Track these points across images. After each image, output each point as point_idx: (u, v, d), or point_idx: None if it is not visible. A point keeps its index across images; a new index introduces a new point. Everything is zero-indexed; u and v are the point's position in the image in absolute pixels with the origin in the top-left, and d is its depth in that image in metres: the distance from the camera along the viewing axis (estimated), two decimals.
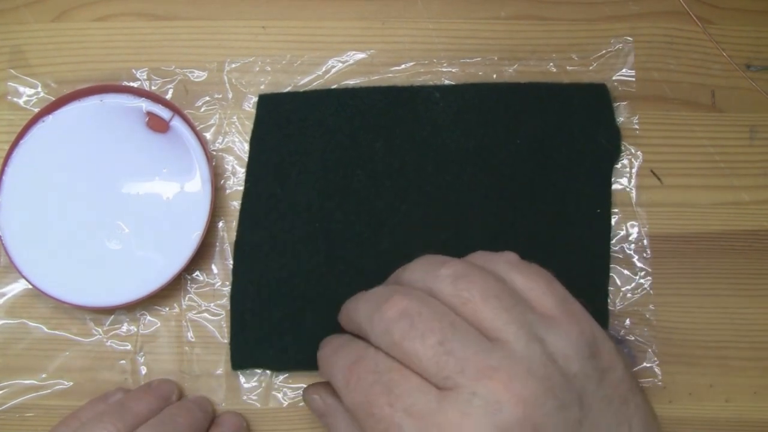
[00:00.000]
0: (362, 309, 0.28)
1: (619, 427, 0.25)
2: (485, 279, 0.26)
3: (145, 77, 0.37)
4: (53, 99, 0.36)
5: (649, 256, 0.36)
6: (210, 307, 0.36)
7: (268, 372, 0.35)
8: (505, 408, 0.23)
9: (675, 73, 0.38)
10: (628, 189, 0.37)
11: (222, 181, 0.37)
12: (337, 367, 0.28)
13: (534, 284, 0.27)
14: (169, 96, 0.37)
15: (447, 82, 0.38)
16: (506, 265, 0.27)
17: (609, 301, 0.36)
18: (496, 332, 0.25)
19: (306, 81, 0.38)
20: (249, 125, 0.37)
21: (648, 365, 0.35)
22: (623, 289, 0.36)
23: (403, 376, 0.25)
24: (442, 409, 0.23)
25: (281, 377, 0.35)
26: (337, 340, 0.30)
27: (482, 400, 0.23)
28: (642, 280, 0.36)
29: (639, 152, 0.37)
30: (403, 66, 0.38)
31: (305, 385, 0.35)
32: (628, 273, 0.36)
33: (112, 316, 0.36)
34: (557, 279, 0.29)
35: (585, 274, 0.36)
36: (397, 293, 0.26)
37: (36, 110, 0.36)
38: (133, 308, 0.36)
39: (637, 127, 0.38)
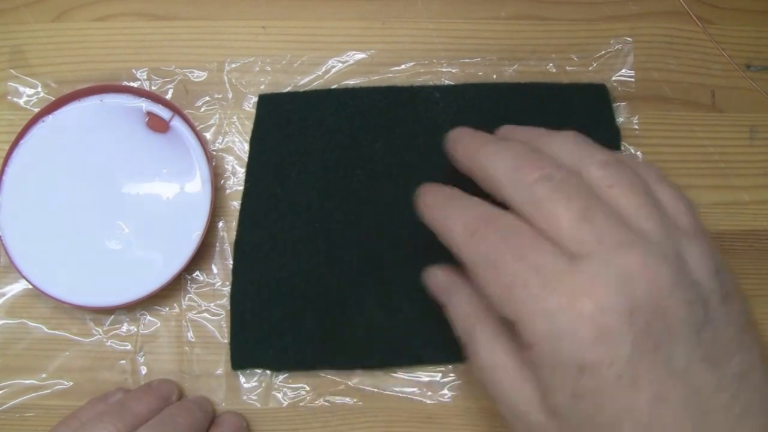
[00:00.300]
0: (501, 161, 0.27)
1: (740, 348, 0.24)
2: (633, 174, 0.26)
3: (145, 77, 0.37)
4: (53, 99, 0.36)
5: None
6: (210, 307, 0.36)
7: (268, 372, 0.35)
8: (636, 283, 0.23)
9: (675, 73, 0.38)
10: None
11: (222, 181, 0.37)
12: (456, 216, 0.27)
13: (676, 201, 0.27)
14: (169, 96, 0.37)
15: (447, 82, 0.38)
16: (654, 174, 0.27)
17: None
18: (637, 221, 0.25)
19: (306, 81, 0.38)
20: (249, 125, 0.37)
21: None
22: None
23: (535, 237, 0.25)
24: (573, 272, 0.23)
25: (281, 377, 0.35)
26: (444, 190, 0.30)
27: (615, 271, 0.23)
28: None
29: (639, 152, 0.37)
30: (403, 66, 0.38)
31: (305, 385, 0.35)
32: None
33: (112, 316, 0.36)
34: None
35: None
36: (543, 158, 0.26)
37: (36, 110, 0.36)
38: (133, 308, 0.36)
39: (637, 127, 0.38)
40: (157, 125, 0.36)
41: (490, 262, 0.25)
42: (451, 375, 0.35)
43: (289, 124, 0.36)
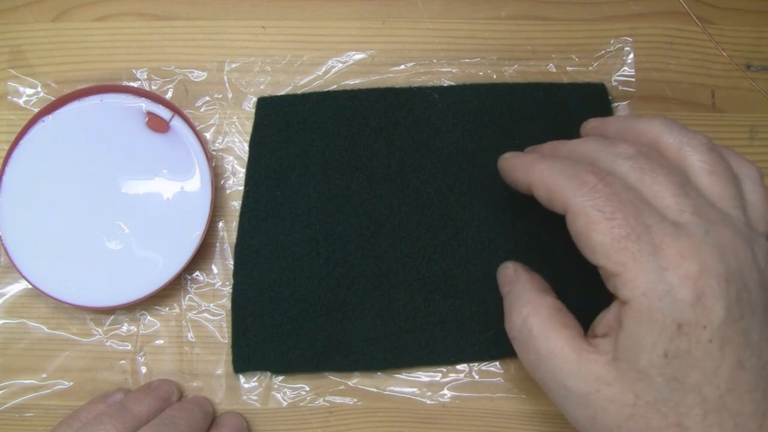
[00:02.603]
0: (592, 142, 0.29)
1: None
2: (730, 168, 0.28)
3: (145, 77, 0.37)
4: (53, 99, 0.36)
5: None
6: (210, 308, 0.36)
7: (267, 372, 0.35)
8: (729, 255, 0.25)
9: (675, 73, 0.38)
10: None
11: (222, 181, 0.37)
12: (566, 169, 0.28)
13: (760, 206, 0.28)
14: (169, 96, 0.37)
15: (447, 82, 0.38)
16: (753, 175, 0.28)
17: None
18: (725, 208, 0.26)
19: (306, 81, 0.38)
20: (249, 125, 0.37)
21: None
22: None
23: (645, 199, 0.26)
24: (679, 235, 0.25)
25: (281, 377, 0.35)
26: (538, 149, 0.32)
27: (713, 240, 0.25)
28: None
29: None
30: (402, 66, 0.38)
31: (305, 386, 0.35)
32: None
33: (112, 316, 0.36)
34: (558, 279, 0.31)
35: (585, 274, 0.36)
36: (635, 142, 0.28)
37: (36, 110, 0.36)
38: (133, 308, 0.36)
39: None
40: (157, 125, 0.36)
41: (606, 212, 0.26)
42: (451, 375, 0.35)
43: (288, 127, 0.36)
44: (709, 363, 0.24)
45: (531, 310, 0.29)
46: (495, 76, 0.38)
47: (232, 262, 0.36)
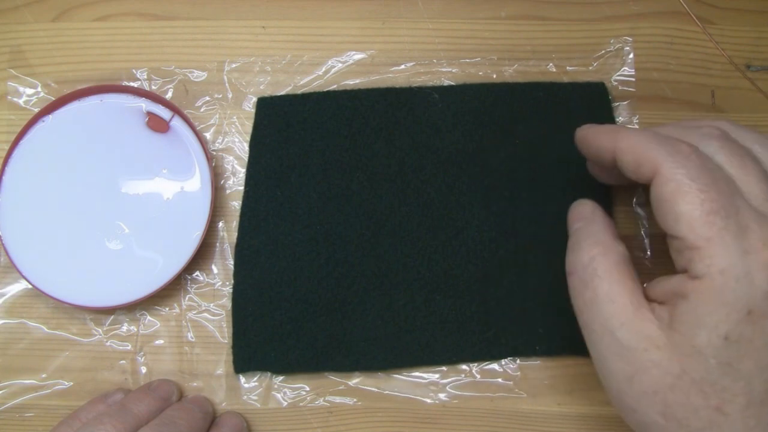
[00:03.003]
0: (673, 126, 0.29)
1: None
2: None
3: (145, 77, 0.37)
4: (53, 99, 0.36)
5: (649, 256, 0.36)
6: (210, 308, 0.36)
7: (268, 372, 0.35)
8: None
9: (675, 73, 0.38)
10: (628, 189, 0.37)
11: (222, 181, 0.37)
12: (656, 138, 0.27)
13: None
14: (169, 96, 0.37)
15: (447, 82, 0.38)
16: None
17: None
18: None
19: (306, 81, 0.38)
20: (249, 125, 0.37)
21: None
22: None
23: (733, 182, 0.26)
24: (764, 223, 0.25)
25: (281, 377, 0.35)
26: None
27: None
28: None
29: None
30: (402, 66, 0.38)
31: (305, 386, 0.35)
32: None
33: (112, 316, 0.36)
34: (559, 279, 0.30)
35: None
36: (718, 127, 0.28)
37: (36, 110, 0.36)
38: (133, 308, 0.36)
39: (637, 127, 0.38)
40: (157, 125, 0.36)
41: (698, 184, 0.25)
42: (451, 375, 0.35)
43: (288, 127, 0.36)
44: (764, 355, 0.24)
45: (602, 250, 0.28)
46: (495, 76, 0.38)
47: (232, 262, 0.36)
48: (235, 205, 0.36)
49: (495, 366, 0.35)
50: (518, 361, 0.35)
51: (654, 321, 0.26)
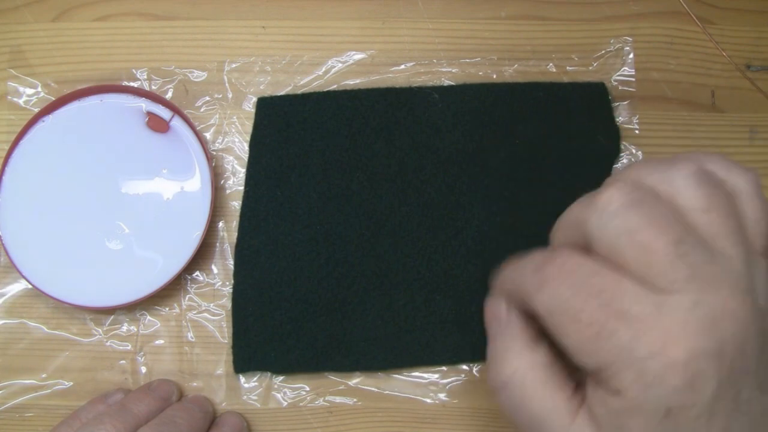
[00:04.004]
0: (576, 205, 0.26)
1: None
2: (727, 195, 0.25)
3: (145, 77, 0.37)
4: (53, 99, 0.36)
5: None
6: (210, 307, 0.36)
7: (268, 372, 0.35)
8: (722, 323, 0.22)
9: (675, 73, 0.38)
10: None
11: (222, 181, 0.37)
12: (526, 270, 0.26)
13: (760, 218, 0.25)
14: (169, 96, 0.37)
15: (447, 82, 0.38)
16: (750, 187, 0.25)
17: None
18: (723, 249, 0.24)
19: (306, 81, 0.38)
20: (249, 125, 0.37)
21: None
22: None
23: (615, 279, 0.23)
24: (661, 314, 0.22)
25: (281, 377, 0.35)
26: (520, 258, 0.28)
27: (704, 311, 0.22)
28: None
29: (639, 152, 0.37)
30: (402, 66, 0.38)
31: (305, 386, 0.35)
32: None
33: (112, 316, 0.36)
34: None
35: None
36: (621, 182, 0.24)
37: (36, 110, 0.36)
38: (133, 308, 0.36)
39: (637, 127, 0.38)
40: (157, 125, 0.36)
41: (572, 315, 0.23)
42: (451, 376, 0.35)
43: (288, 127, 0.36)
44: None
45: (523, 362, 0.26)
46: (495, 76, 0.38)
47: (232, 262, 0.36)
48: (235, 205, 0.36)
49: None
50: None
51: (591, 426, 0.25)
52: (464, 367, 0.35)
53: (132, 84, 0.37)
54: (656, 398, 0.23)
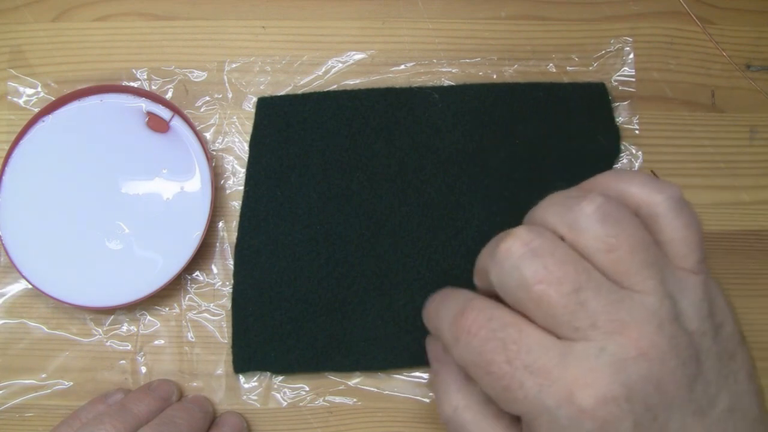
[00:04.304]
0: (485, 250, 0.27)
1: (726, 381, 0.24)
2: (635, 226, 0.24)
3: (145, 77, 0.37)
4: (53, 99, 0.36)
5: None
6: (210, 308, 0.36)
7: (267, 372, 0.35)
8: (632, 365, 0.22)
9: (675, 73, 0.38)
10: None
11: (222, 181, 0.37)
12: (444, 321, 0.26)
13: (686, 236, 0.25)
14: (169, 96, 0.37)
15: (447, 82, 0.38)
16: (667, 205, 0.25)
17: None
18: (633, 285, 0.24)
19: (306, 81, 0.38)
20: (249, 125, 0.37)
21: None
22: None
23: (521, 330, 0.24)
24: (567, 363, 0.23)
25: (280, 377, 0.35)
26: (444, 291, 0.29)
27: (610, 356, 0.22)
28: None
29: (639, 152, 0.37)
30: (402, 66, 0.38)
31: (305, 386, 0.35)
32: None
33: (112, 316, 0.36)
34: None
35: None
36: (523, 228, 0.24)
37: (36, 110, 0.36)
38: (133, 308, 0.36)
39: (637, 127, 0.38)
40: (157, 125, 0.36)
41: (484, 369, 0.24)
42: None
43: (288, 127, 0.36)
44: None
45: (462, 400, 0.27)
46: (495, 76, 0.38)
47: (232, 262, 0.36)
48: (235, 205, 0.36)
49: None
50: None
51: None
52: None
53: (132, 84, 0.37)
54: None
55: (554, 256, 0.24)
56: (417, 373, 0.35)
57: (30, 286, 0.34)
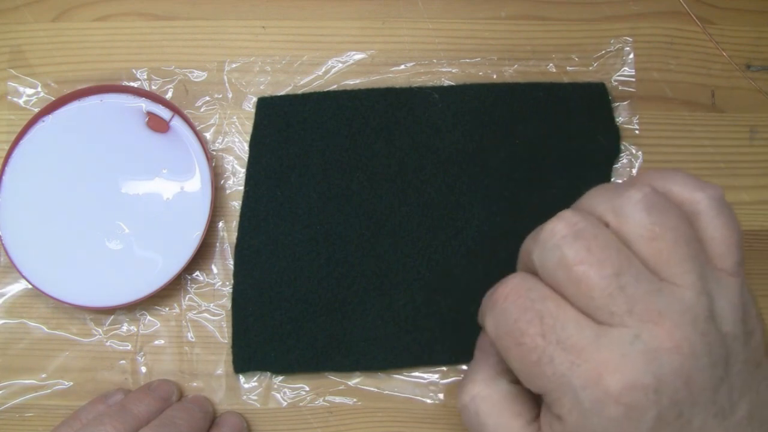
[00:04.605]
0: (530, 235, 0.27)
1: (749, 389, 0.24)
2: (679, 219, 0.24)
3: (145, 77, 0.37)
4: (53, 99, 0.36)
5: None
6: (210, 307, 0.36)
7: (267, 372, 0.35)
8: (664, 357, 0.22)
9: (675, 73, 0.38)
10: None
11: (222, 181, 0.37)
12: (486, 297, 0.26)
13: (725, 236, 0.25)
14: (169, 96, 0.37)
15: (447, 82, 0.38)
16: (708, 203, 0.25)
17: None
18: (672, 277, 0.23)
19: (306, 81, 0.38)
20: (249, 125, 0.37)
21: None
22: None
23: (559, 306, 0.24)
24: (600, 346, 0.23)
25: (280, 377, 0.35)
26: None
27: (644, 345, 0.22)
28: None
29: (639, 152, 0.37)
30: (402, 66, 0.38)
31: (305, 386, 0.35)
32: None
33: (112, 316, 0.36)
34: None
35: None
36: (569, 211, 0.25)
37: (36, 110, 0.36)
38: (133, 308, 0.36)
39: (637, 127, 0.38)
40: (157, 125, 0.36)
41: (516, 340, 0.24)
42: (451, 376, 0.35)
43: (288, 127, 0.36)
44: None
45: (484, 389, 0.27)
46: (495, 76, 0.38)
47: (232, 262, 0.36)
48: (235, 205, 0.36)
49: None
50: None
51: None
52: (464, 367, 0.35)
53: (132, 84, 0.37)
54: (595, 426, 0.23)
55: (597, 240, 0.24)
56: (417, 373, 0.35)
57: (30, 286, 0.34)
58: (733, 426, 0.23)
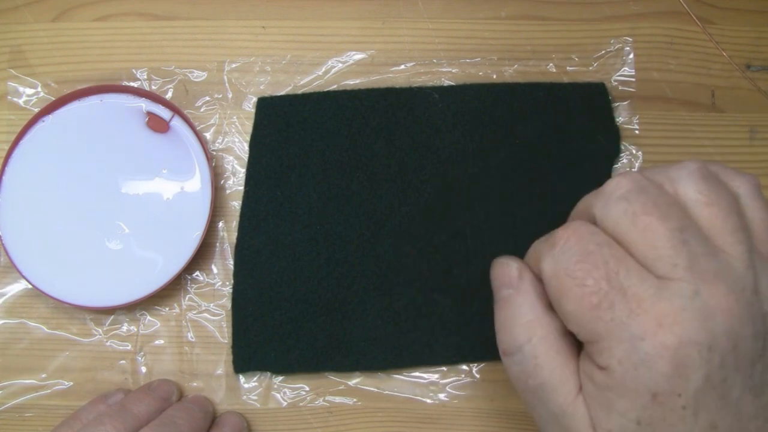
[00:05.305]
0: (587, 195, 0.27)
1: None
2: (728, 194, 0.25)
3: (145, 77, 0.37)
4: (53, 99, 0.36)
5: None
6: (210, 307, 0.36)
7: (267, 372, 0.35)
8: (719, 316, 0.23)
9: (675, 73, 0.38)
10: None
11: (222, 181, 0.37)
12: (541, 240, 0.26)
13: (765, 219, 0.25)
14: (169, 96, 0.37)
15: (447, 82, 0.38)
16: (750, 188, 0.26)
17: None
18: (723, 245, 0.24)
19: (306, 81, 0.38)
20: (249, 125, 0.37)
21: None
22: None
23: (623, 254, 0.24)
24: (661, 297, 0.23)
25: (280, 377, 0.35)
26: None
27: (702, 302, 0.23)
28: None
29: (639, 152, 0.37)
30: (402, 66, 0.38)
31: (305, 386, 0.35)
32: None
33: (112, 316, 0.36)
34: None
35: None
36: (631, 172, 0.25)
37: (36, 110, 0.36)
38: (133, 308, 0.36)
39: (637, 127, 0.38)
40: (157, 125, 0.36)
41: (576, 278, 0.24)
42: (451, 376, 0.35)
43: (288, 127, 0.36)
44: (679, 428, 0.23)
45: (540, 332, 0.26)
46: (495, 76, 0.38)
47: (232, 262, 0.36)
48: (235, 205, 0.36)
49: (495, 366, 0.35)
50: None
51: (584, 406, 0.25)
52: (464, 367, 0.35)
53: (132, 84, 0.37)
54: (643, 380, 0.23)
55: (661, 197, 0.24)
56: (417, 373, 0.35)
57: (30, 286, 0.34)
58: (762, 406, 0.24)
